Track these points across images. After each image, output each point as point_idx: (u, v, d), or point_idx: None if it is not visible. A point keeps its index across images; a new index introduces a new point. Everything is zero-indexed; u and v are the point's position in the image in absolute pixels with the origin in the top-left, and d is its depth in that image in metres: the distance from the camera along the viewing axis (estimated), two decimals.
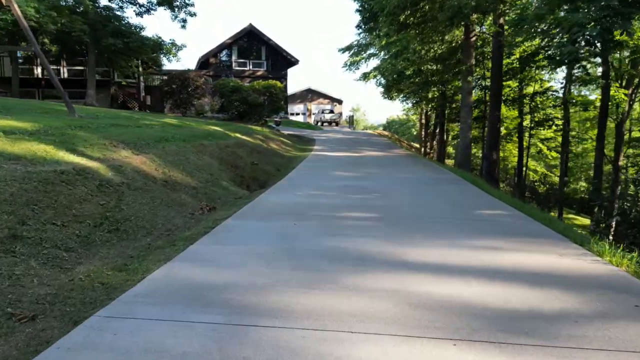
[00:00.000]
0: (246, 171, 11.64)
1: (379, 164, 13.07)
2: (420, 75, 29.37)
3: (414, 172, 11.40)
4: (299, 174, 10.89)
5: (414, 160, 14.93)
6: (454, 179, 10.07)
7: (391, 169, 11.82)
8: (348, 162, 13.64)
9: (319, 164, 12.85)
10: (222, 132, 14.88)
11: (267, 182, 11.49)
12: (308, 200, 7.23)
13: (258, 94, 24.00)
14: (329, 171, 11.26)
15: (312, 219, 5.79)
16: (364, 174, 10.81)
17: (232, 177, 10.62)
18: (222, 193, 8.44)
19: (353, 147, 20.00)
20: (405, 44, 27.08)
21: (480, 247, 4.53)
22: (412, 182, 9.46)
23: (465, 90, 19.17)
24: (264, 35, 40.99)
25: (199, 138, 11.92)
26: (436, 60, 22.55)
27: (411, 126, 72.64)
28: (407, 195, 7.74)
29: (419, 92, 31.97)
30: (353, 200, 7.25)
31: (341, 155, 15.96)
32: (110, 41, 20.36)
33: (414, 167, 12.53)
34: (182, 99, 25.38)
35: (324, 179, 9.80)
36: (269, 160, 13.86)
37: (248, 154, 13.19)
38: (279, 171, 12.81)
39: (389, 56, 31.80)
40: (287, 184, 9.09)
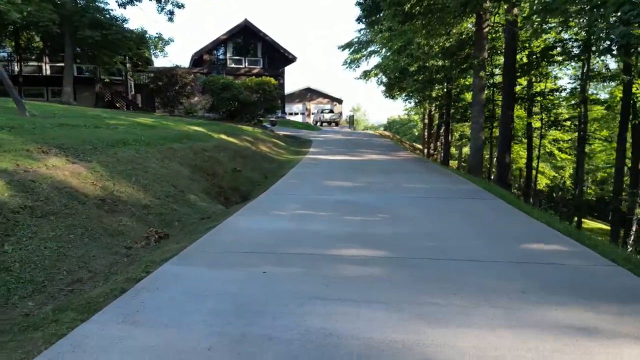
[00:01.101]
0: (226, 180, 9.83)
1: (383, 170, 11.25)
2: (425, 73, 27.62)
3: (425, 180, 9.57)
4: (287, 183, 9.08)
5: (422, 165, 13.11)
6: (475, 190, 8.25)
7: (397, 177, 10.00)
8: (346, 167, 11.83)
9: (313, 170, 11.04)
10: (204, 134, 13.07)
11: (251, 192, 9.69)
12: (291, 225, 5.41)
13: (250, 91, 22.18)
14: (323, 180, 9.44)
15: (292, 263, 3.97)
16: (365, 183, 8.99)
17: (207, 188, 8.81)
18: (185, 212, 6.62)
19: (353, 149, 18.18)
20: (409, 38, 25.33)
21: (557, 325, 2.72)
22: (425, 195, 7.64)
23: (477, 86, 17.35)
24: (259, 31, 39.19)
25: (170, 141, 10.11)
26: (443, 54, 20.73)
27: (412, 126, 70.91)
28: (422, 217, 5.92)
29: (423, 90, 30.26)
30: (351, 225, 5.43)
31: (339, 159, 14.14)
32: (87, 33, 18.58)
33: (423, 174, 10.70)
34: (169, 97, 23.60)
35: (316, 191, 7.98)
36: (255, 166, 12.05)
37: (230, 158, 11.38)
38: (266, 179, 11.00)
39: (392, 52, 30.00)
40: (270, 199, 7.27)
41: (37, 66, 29.48)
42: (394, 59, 29.94)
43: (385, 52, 36.10)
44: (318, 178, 9.76)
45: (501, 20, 18.10)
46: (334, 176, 10.10)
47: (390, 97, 36.73)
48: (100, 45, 20.96)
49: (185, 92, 24.01)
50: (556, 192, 23.96)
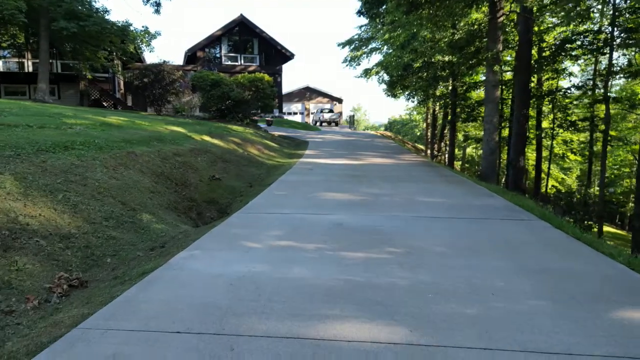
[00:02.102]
0: (200, 191, 8.16)
1: (388, 178, 9.58)
2: (429, 69, 25.99)
3: (441, 192, 7.90)
4: (272, 196, 7.41)
5: (432, 171, 11.44)
6: (505, 207, 6.57)
7: (406, 187, 8.33)
8: (346, 174, 10.16)
9: (306, 178, 9.37)
10: (182, 135, 11.41)
11: (230, 205, 8.04)
12: (265, 268, 3.75)
13: (243, 88, 20.52)
14: (316, 191, 7.77)
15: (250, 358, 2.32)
16: (368, 196, 7.32)
17: (173, 202, 7.15)
18: (130, 239, 4.96)
19: (353, 151, 16.52)
20: (413, 33, 23.69)
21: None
22: (445, 215, 5.97)
23: (490, 82, 15.66)
24: (256, 27, 37.54)
25: (134, 144, 8.44)
26: (451, 48, 19.04)
27: (414, 126, 69.36)
28: (450, 254, 4.25)
29: (428, 88, 28.66)
30: (350, 268, 3.76)
31: (337, 163, 12.47)
32: (62, 24, 16.93)
33: (436, 183, 9.03)
34: (155, 95, 21.92)
35: (306, 207, 6.32)
36: (240, 172, 10.38)
37: (209, 164, 9.71)
38: (251, 187, 9.34)
39: (395, 48, 28.34)
40: (244, 220, 5.60)
41: (18, 62, 27.86)
42: (396, 55, 28.34)
43: (387, 49, 34.54)
44: (311, 188, 8.09)
45: (516, 8, 16.42)
46: (331, 186, 8.43)
47: (392, 95, 35.14)
48: (80, 38, 19.31)
49: (173, 90, 22.32)
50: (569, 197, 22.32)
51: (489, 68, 15.59)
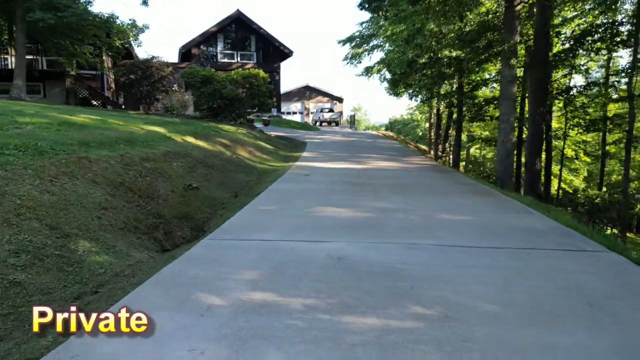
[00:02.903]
0: (171, 203, 6.73)
1: (398, 187, 8.15)
2: (435, 66, 24.56)
3: (466, 207, 6.46)
4: (256, 212, 5.98)
5: (447, 177, 10.01)
6: (553, 228, 5.14)
7: (422, 200, 6.89)
8: (347, 181, 8.73)
9: (301, 187, 7.94)
10: (160, 136, 9.97)
11: (208, 221, 6.63)
12: (218, 356, 2.32)
13: (236, 85, 19.07)
14: (312, 204, 6.34)
15: None
16: (376, 212, 5.89)
17: (133, 219, 5.72)
18: (42, 285, 3.52)
19: (354, 153, 15.09)
20: (418, 27, 22.22)
21: None
22: (482, 242, 4.53)
23: (507, 77, 14.23)
24: (253, 23, 36.08)
25: (92, 147, 7.01)
26: (461, 42, 17.58)
27: (416, 126, 67.94)
28: (508, 316, 2.81)
29: (432, 86, 27.24)
30: (354, 352, 2.34)
31: (338, 167, 11.04)
32: (38, 15, 15.52)
33: (455, 194, 7.59)
34: (142, 93, 20.48)
35: (296, 231, 4.89)
36: (225, 179, 8.94)
37: (187, 170, 8.27)
38: (236, 198, 7.93)
39: (398, 44, 26.88)
40: (209, 256, 4.15)
41: (1, 59, 26.43)
42: (399, 51, 26.89)
43: (389, 46, 33.17)
44: (305, 201, 6.66)
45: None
46: (329, 197, 6.99)
47: (395, 94, 33.77)
48: (60, 31, 17.89)
49: (162, 87, 20.89)
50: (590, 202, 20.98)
51: (504, 62, 14.15)
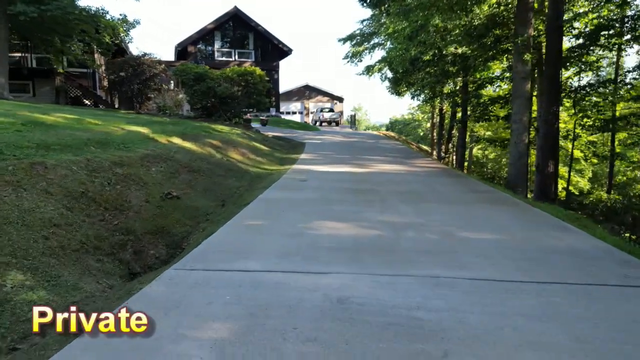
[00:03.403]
0: (145, 216, 5.76)
1: (408, 195, 7.17)
2: (439, 64, 23.62)
3: (490, 221, 5.49)
4: (240, 231, 5.01)
5: (460, 183, 9.03)
6: (605, 251, 4.16)
7: (437, 212, 5.92)
8: (349, 188, 7.76)
9: (295, 196, 6.97)
10: (142, 137, 9.00)
11: (188, 237, 5.70)
12: None
13: (231, 83, 18.10)
14: (307, 219, 5.38)
15: None
16: (384, 229, 4.92)
17: (94, 237, 4.76)
18: None
19: (356, 155, 14.12)
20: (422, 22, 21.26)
21: None
22: (524, 275, 3.55)
23: (520, 73, 13.26)
24: (251, 20, 35.12)
25: (54, 150, 6.03)
26: (469, 37, 16.60)
27: (417, 126, 66.98)
28: None
29: (436, 84, 26.32)
30: None
31: (338, 171, 10.07)
32: (20, 8, 14.56)
33: (475, 204, 6.62)
34: (133, 91, 19.51)
35: (286, 257, 3.92)
36: (212, 185, 7.96)
37: (168, 176, 7.29)
38: (223, 207, 6.98)
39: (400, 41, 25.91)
40: (168, 297, 3.17)
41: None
42: (402, 49, 25.94)
43: (390, 44, 32.26)
44: (299, 214, 5.69)
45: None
46: (328, 209, 6.02)
47: (396, 93, 32.87)
48: (46, 26, 16.91)
49: (154, 85, 19.92)
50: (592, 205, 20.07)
51: (517, 57, 13.17)
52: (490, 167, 43.32)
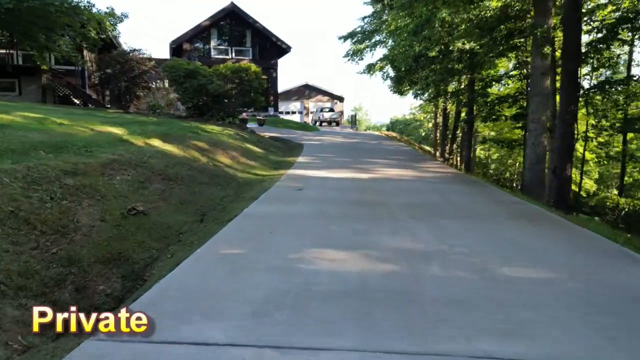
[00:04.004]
0: (96, 239, 4.60)
1: (421, 208, 6.00)
2: (444, 61, 22.45)
3: (533, 250, 4.32)
4: (211, 263, 3.83)
5: (479, 192, 7.86)
6: None
7: (461, 233, 4.76)
8: (351, 200, 6.60)
9: (288, 210, 5.81)
10: (113, 139, 7.84)
11: (152, 265, 4.54)
12: None
13: (224, 80, 16.94)
14: (300, 245, 4.22)
15: None
16: (398, 261, 3.75)
17: (16, 273, 3.59)
18: None
19: (358, 158, 12.97)
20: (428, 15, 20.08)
21: None
22: (613, 354, 2.40)
23: (538, 68, 12.09)
24: (248, 17, 33.93)
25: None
26: (480, 30, 15.42)
27: (418, 126, 65.78)
28: None
29: (440, 83, 25.16)
30: None
31: (338, 177, 8.91)
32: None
33: (504, 221, 5.46)
34: (120, 89, 18.35)
35: (264, 318, 2.77)
36: (191, 196, 6.79)
37: (137, 186, 6.12)
38: (202, 222, 5.83)
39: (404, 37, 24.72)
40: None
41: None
42: (405, 45, 24.76)
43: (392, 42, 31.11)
44: (290, 236, 4.53)
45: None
46: (326, 229, 4.85)
47: (398, 92, 31.67)
48: (27, 19, 15.79)
49: (143, 83, 18.76)
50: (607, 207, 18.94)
51: (536, 50, 12.00)
52: (494, 168, 42.17)
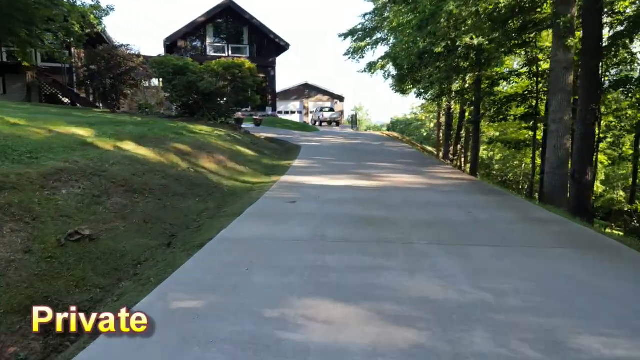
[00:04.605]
0: (15, 278, 3.40)
1: (442, 229, 4.81)
2: (449, 58, 21.26)
3: (611, 303, 3.15)
4: (160, 326, 2.65)
5: (509, 206, 6.68)
6: None
7: (507, 270, 3.58)
8: (353, 217, 5.42)
9: (275, 233, 4.62)
10: (73, 142, 6.66)
11: (94, 309, 3.29)
12: None
13: (216, 77, 15.75)
14: (286, 292, 3.04)
15: None
16: (423, 323, 2.58)
17: None
18: None
19: (360, 161, 11.78)
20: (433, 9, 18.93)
21: None
22: None
23: (561, 63, 10.89)
24: (245, 13, 32.72)
25: None
26: (493, 22, 14.21)
27: (420, 126, 64.53)
28: None
29: (445, 81, 24.00)
30: None
31: (339, 185, 7.72)
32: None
33: (555, 251, 4.28)
34: (105, 87, 17.14)
35: None
36: (160, 211, 5.60)
37: (89, 201, 4.93)
38: (169, 246, 4.65)
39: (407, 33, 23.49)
40: None
41: None
42: (409, 41, 23.58)
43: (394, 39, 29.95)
44: (273, 278, 3.34)
45: None
46: (322, 264, 3.66)
47: (401, 91, 30.51)
48: (5, 12, 14.63)
49: (130, 81, 17.56)
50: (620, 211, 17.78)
51: (558, 42, 10.79)
52: (497, 168, 40.98)
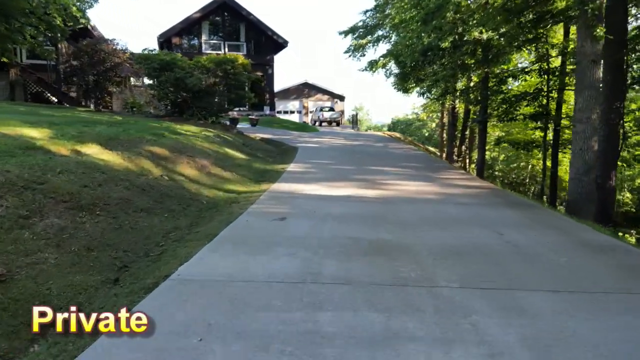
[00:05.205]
0: None
1: (476, 261, 3.66)
2: (455, 54, 20.08)
3: None
4: None
5: (545, 225, 5.53)
6: None
7: (564, 331, 2.44)
8: (357, 241, 4.27)
9: (253, 270, 3.46)
10: (17, 146, 5.51)
11: None
12: None
13: (207, 74, 14.59)
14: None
15: None
16: None
17: None
18: None
19: (362, 165, 10.61)
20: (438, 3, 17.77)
21: None
22: None
23: (588, 56, 9.73)
24: (242, 9, 31.57)
25: None
26: (507, 12, 13.03)
27: (421, 126, 63.37)
28: None
29: (450, 79, 22.81)
30: None
31: (338, 196, 6.56)
32: None
33: (623, 296, 3.13)
34: (89, 84, 15.98)
35: None
36: (114, 232, 4.44)
37: (9, 225, 3.79)
38: (115, 283, 3.45)
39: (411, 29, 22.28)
40: None
41: None
42: (412, 37, 22.39)
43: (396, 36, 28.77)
44: (240, 355, 2.20)
45: None
46: (315, 330, 2.50)
47: (403, 90, 29.23)
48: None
49: (115, 77, 16.41)
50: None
51: (584, 33, 9.63)
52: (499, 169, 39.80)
